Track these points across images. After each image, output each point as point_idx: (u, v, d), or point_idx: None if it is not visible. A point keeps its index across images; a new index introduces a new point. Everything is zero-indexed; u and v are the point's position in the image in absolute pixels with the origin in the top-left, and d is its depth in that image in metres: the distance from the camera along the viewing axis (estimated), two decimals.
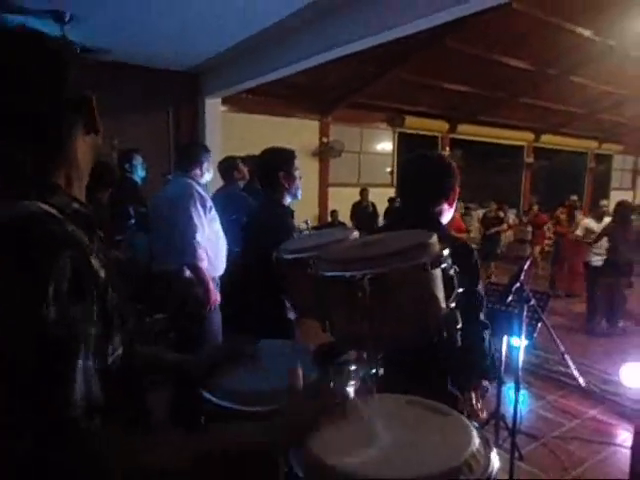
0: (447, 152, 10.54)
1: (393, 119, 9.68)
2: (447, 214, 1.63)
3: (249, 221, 2.49)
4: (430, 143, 10.50)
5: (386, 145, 10.33)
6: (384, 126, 9.87)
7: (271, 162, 2.27)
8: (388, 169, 10.39)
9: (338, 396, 0.87)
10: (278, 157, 2.27)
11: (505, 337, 2.97)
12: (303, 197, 2.37)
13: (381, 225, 2.14)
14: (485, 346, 1.47)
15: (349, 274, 0.91)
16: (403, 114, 9.58)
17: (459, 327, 0.96)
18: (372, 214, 8.72)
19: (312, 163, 8.69)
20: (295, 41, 4.36)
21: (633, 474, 2.58)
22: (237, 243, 2.85)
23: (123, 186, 3.91)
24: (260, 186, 2.38)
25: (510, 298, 2.43)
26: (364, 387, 1.09)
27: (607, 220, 6.19)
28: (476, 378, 1.59)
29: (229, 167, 4.00)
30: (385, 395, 0.99)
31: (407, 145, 10.27)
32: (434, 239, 0.96)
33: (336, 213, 8.38)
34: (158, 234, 3.01)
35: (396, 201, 8.66)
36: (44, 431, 0.59)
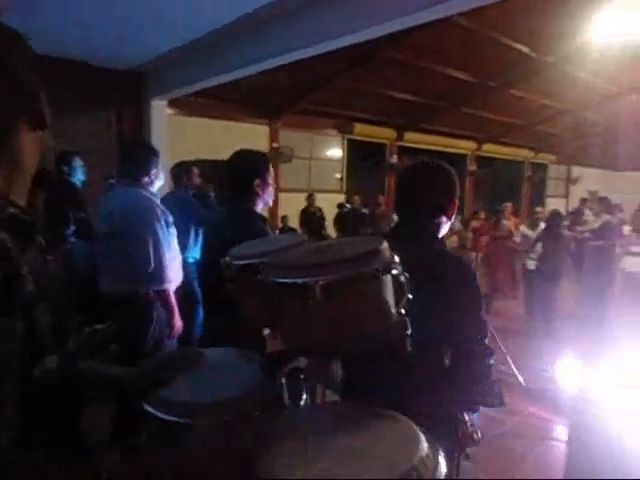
0: (395, 159, 10.79)
1: (343, 126, 9.81)
2: (445, 227, 1.56)
3: (214, 231, 2.20)
4: (379, 150, 10.72)
5: (336, 151, 10.43)
6: (334, 132, 9.98)
7: (245, 169, 2.05)
8: (338, 175, 10.49)
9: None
10: (252, 163, 2.08)
11: None
12: None
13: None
14: (489, 371, 1.39)
15: (301, 280, 0.90)
16: (353, 121, 9.72)
17: (409, 333, 0.97)
18: (319, 220, 8.76)
19: None
20: (245, 44, 4.31)
21: (569, 466, 2.73)
22: (184, 250, 2.75)
23: (61, 190, 3.69)
24: (224, 192, 2.18)
25: None
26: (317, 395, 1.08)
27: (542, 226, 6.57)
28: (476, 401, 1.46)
29: (181, 172, 3.88)
30: (338, 403, 0.98)
31: (357, 152, 10.43)
32: (385, 245, 0.97)
33: (286, 219, 8.35)
34: (108, 249, 2.62)
35: (345, 207, 8.74)
36: None
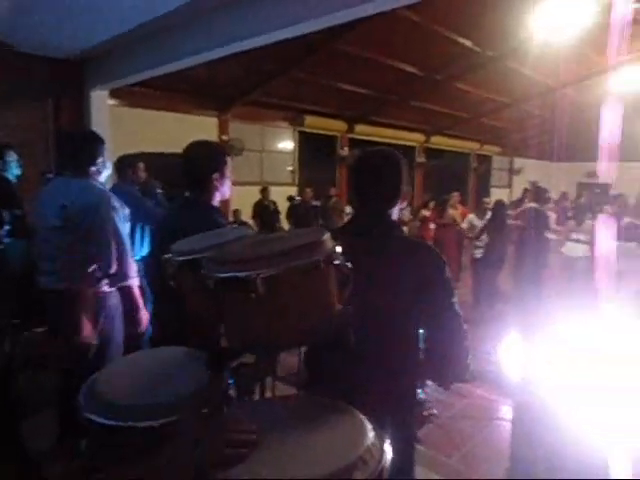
0: (346, 152, 10.87)
1: (293, 118, 9.76)
2: (395, 214, 1.56)
3: (168, 227, 2.05)
4: (330, 142, 10.76)
5: (287, 144, 10.38)
6: (285, 125, 9.91)
7: (202, 162, 1.94)
8: (290, 167, 10.45)
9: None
10: (210, 156, 1.97)
11: None
12: None
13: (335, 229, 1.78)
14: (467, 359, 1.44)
15: (242, 274, 0.88)
16: (303, 113, 9.70)
17: (352, 324, 0.98)
18: (273, 212, 8.71)
19: None
20: (192, 32, 4.18)
21: (513, 444, 2.87)
22: (134, 248, 2.65)
23: None
24: (173, 187, 2.10)
25: None
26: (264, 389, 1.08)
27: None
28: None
29: (126, 166, 3.73)
30: (285, 396, 0.98)
31: (308, 144, 10.42)
32: (327, 236, 0.97)
33: (239, 212, 8.24)
34: (57, 245, 2.47)
35: (295, 199, 8.71)
36: None
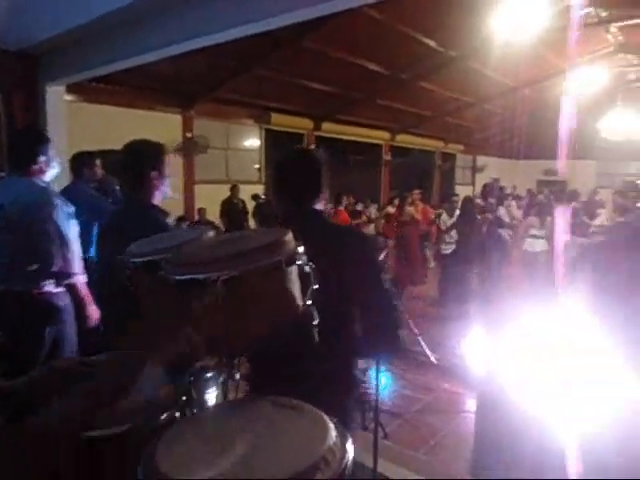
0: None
1: (260, 116, 9.67)
2: (321, 207, 1.64)
3: (111, 227, 2.08)
4: (296, 140, 10.72)
5: (253, 141, 10.28)
6: (251, 122, 9.81)
7: (140, 160, 1.97)
8: (256, 165, 10.37)
9: None
10: (147, 153, 1.99)
11: None
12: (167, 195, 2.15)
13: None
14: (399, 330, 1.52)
15: (202, 276, 0.86)
16: (269, 111, 9.63)
17: (315, 324, 0.97)
18: (242, 211, 8.62)
19: (176, 159, 8.27)
20: (154, 27, 4.05)
21: (477, 435, 2.95)
22: (86, 248, 2.57)
23: None
24: (123, 185, 2.08)
25: None
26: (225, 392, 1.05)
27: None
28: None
29: (82, 164, 3.61)
30: (245, 398, 0.96)
31: (274, 142, 10.35)
32: (289, 236, 0.95)
33: (203, 211, 8.11)
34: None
35: (260, 198, 8.64)
36: None
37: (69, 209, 2.48)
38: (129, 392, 0.92)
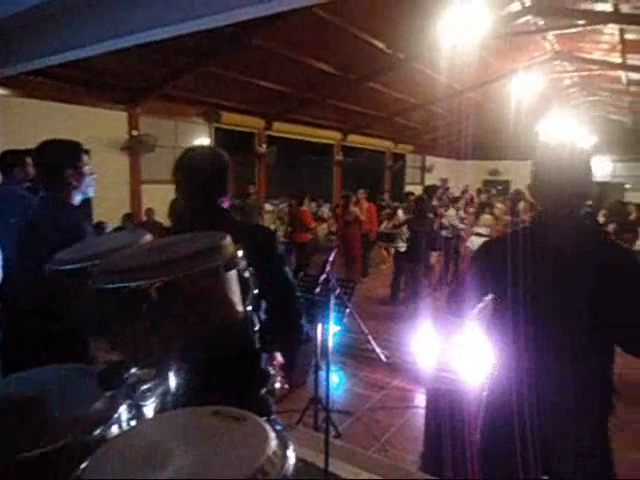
0: (264, 149, 10.78)
1: (209, 114, 9.48)
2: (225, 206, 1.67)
3: (27, 228, 2.02)
4: (247, 139, 10.61)
5: (203, 140, 10.05)
6: (200, 121, 9.59)
7: (54, 158, 1.94)
8: None
9: None
10: (62, 152, 1.96)
11: (319, 324, 3.15)
12: (113, 196, 2.08)
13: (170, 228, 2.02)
14: (302, 320, 1.56)
15: (134, 284, 0.82)
16: (220, 109, 9.46)
17: (256, 329, 0.95)
18: None
19: (121, 158, 7.97)
20: (93, 18, 3.87)
21: (427, 428, 3.02)
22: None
23: None
24: (42, 184, 2.00)
25: (318, 288, 2.57)
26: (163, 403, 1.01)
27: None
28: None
29: (12, 163, 3.40)
30: (185, 410, 0.93)
31: (225, 141, 10.18)
32: (227, 240, 0.93)
33: (151, 212, 7.85)
34: None
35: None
36: None
37: None
38: (53, 408, 0.87)
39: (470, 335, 2.89)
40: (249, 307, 0.94)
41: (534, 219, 1.87)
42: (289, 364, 1.80)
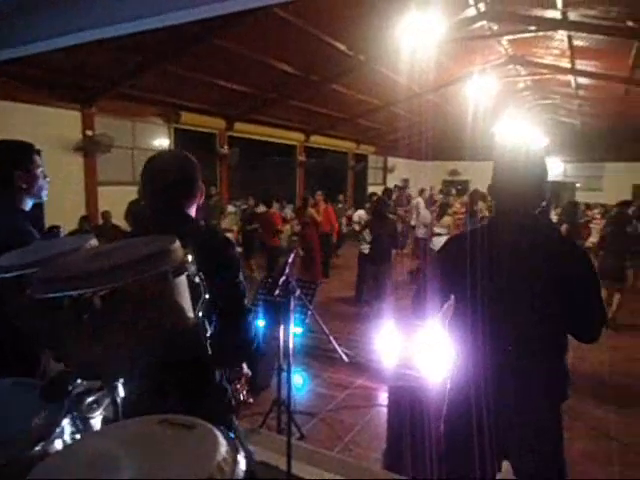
0: (226, 150, 10.64)
1: (168, 114, 9.28)
2: (193, 211, 1.63)
3: None
4: (208, 140, 10.45)
5: (162, 141, 9.84)
6: (159, 121, 9.38)
7: (3, 160, 1.84)
8: None
9: None
10: (11, 153, 1.86)
11: (280, 326, 3.13)
12: (67, 198, 1.97)
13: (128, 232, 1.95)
14: (251, 334, 1.51)
15: (75, 293, 0.79)
16: (179, 109, 9.27)
17: (209, 335, 0.93)
18: None
19: (75, 159, 7.68)
20: (47, 13, 3.71)
21: (390, 426, 3.06)
22: None
23: None
24: None
25: (278, 290, 2.55)
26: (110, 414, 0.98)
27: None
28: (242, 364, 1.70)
29: None
30: (132, 420, 0.90)
31: (184, 141, 10.00)
32: (176, 245, 0.90)
33: (108, 214, 7.60)
34: None
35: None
36: None
37: None
38: None
39: (432, 334, 2.95)
40: (200, 313, 0.92)
41: (492, 217, 1.94)
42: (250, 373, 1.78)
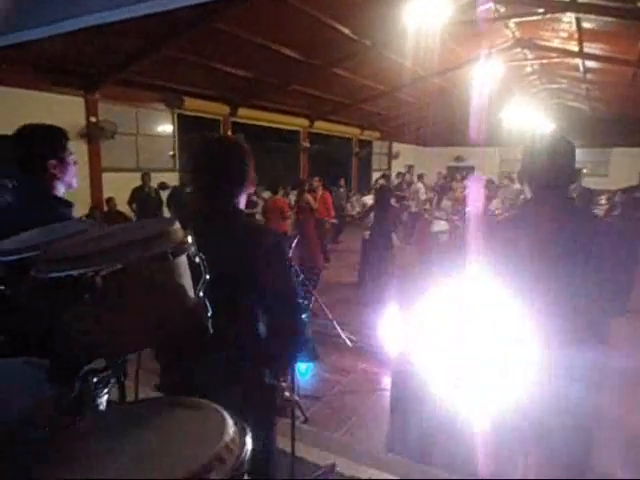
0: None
1: (171, 100, 9.24)
2: (243, 202, 1.61)
3: (4, 222, 1.71)
4: (212, 126, 10.40)
5: (166, 127, 9.82)
6: (162, 107, 9.35)
7: (36, 147, 1.75)
8: (170, 152, 9.92)
9: None
10: (45, 140, 1.77)
11: None
12: None
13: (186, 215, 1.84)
14: (303, 335, 1.52)
15: (77, 272, 0.79)
16: (182, 95, 9.23)
17: (210, 315, 0.94)
18: (156, 200, 8.23)
19: (79, 146, 7.68)
20: None
21: (392, 410, 3.09)
22: None
23: None
24: (20, 173, 1.77)
25: None
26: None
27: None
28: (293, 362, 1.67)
29: None
30: (138, 401, 0.91)
31: (188, 127, 9.97)
32: (176, 226, 0.91)
33: (113, 201, 7.64)
34: None
35: (169, 186, 8.29)
36: None
37: None
38: None
39: (435, 316, 2.96)
40: (201, 293, 0.92)
41: (527, 201, 1.97)
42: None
